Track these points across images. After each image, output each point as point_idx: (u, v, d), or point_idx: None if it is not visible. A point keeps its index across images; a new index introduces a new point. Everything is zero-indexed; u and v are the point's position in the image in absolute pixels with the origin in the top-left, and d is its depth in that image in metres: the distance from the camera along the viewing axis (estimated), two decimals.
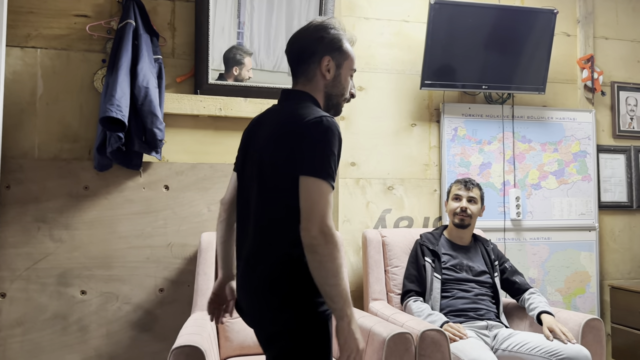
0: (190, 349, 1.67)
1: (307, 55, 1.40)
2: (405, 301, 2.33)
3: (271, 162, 1.32)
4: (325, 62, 1.40)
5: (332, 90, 1.43)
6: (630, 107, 3.22)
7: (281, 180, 1.30)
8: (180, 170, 2.49)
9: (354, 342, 1.26)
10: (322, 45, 1.40)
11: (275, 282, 1.31)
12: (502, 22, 2.77)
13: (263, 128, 1.41)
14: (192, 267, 2.44)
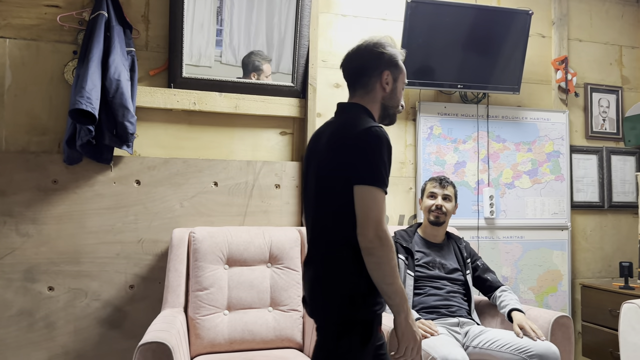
0: (157, 345, 1.65)
1: (368, 69, 1.53)
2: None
3: (325, 172, 1.45)
4: (385, 76, 1.52)
5: (388, 102, 1.54)
6: (602, 108, 3.27)
7: (333, 189, 1.41)
8: (153, 165, 2.45)
9: (411, 335, 1.40)
10: (382, 60, 1.52)
11: (323, 279, 1.44)
12: (478, 21, 2.79)
13: (321, 141, 1.51)
14: (163, 263, 2.40)
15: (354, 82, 1.56)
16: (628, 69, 3.37)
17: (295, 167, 2.66)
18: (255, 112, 2.60)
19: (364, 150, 1.37)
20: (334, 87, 2.79)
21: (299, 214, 2.65)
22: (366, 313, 1.40)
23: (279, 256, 2.34)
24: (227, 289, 2.22)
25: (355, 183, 1.37)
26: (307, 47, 2.68)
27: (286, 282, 2.30)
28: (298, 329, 2.27)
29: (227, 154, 2.61)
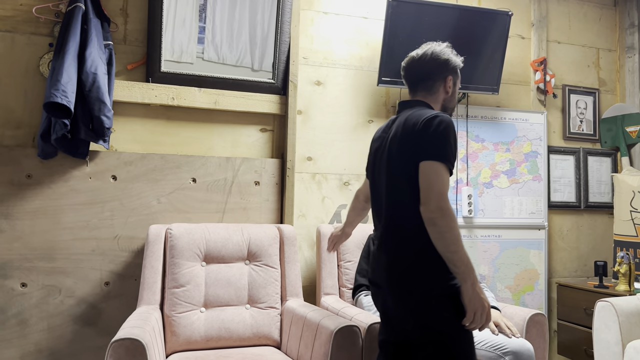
0: (131, 341, 1.63)
1: (435, 74, 1.68)
2: (357, 295, 2.33)
3: (396, 158, 1.56)
4: (448, 81, 1.69)
5: (448, 103, 1.72)
6: (580, 110, 3.32)
7: (404, 173, 1.53)
8: (130, 160, 2.42)
9: (479, 301, 1.45)
10: (447, 67, 1.69)
11: (404, 260, 1.53)
12: (458, 21, 2.81)
13: (389, 135, 1.64)
14: (140, 260, 2.38)
15: (416, 85, 1.70)
16: (605, 72, 3.43)
17: (276, 164, 2.65)
18: (235, 108, 2.58)
19: (431, 131, 1.49)
20: (314, 84, 2.79)
21: (279, 211, 2.64)
22: (452, 287, 1.49)
23: (257, 253, 2.33)
24: (204, 286, 2.20)
25: (420, 160, 1.49)
26: (289, 43, 2.67)
27: (264, 279, 2.29)
28: (276, 326, 2.26)
29: (206, 150, 2.59)
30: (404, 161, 1.54)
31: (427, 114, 1.54)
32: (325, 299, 2.41)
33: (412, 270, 1.53)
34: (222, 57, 2.57)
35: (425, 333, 1.51)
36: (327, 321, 1.93)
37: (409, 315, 1.53)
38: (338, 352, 1.83)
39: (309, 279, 2.70)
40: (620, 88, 3.44)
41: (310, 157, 2.76)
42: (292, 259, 2.40)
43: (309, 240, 2.73)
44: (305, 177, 2.75)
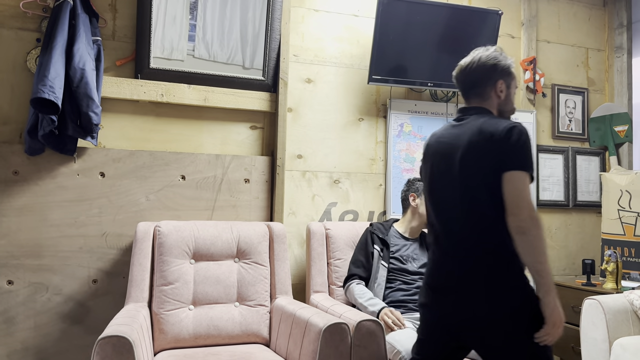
0: (118, 339, 1.61)
1: (484, 80, 1.67)
2: (348, 284, 2.33)
3: (473, 168, 1.55)
4: (499, 85, 1.67)
5: (504, 107, 1.70)
6: (569, 109, 3.34)
7: (484, 183, 1.53)
8: (118, 157, 2.40)
9: (558, 315, 1.48)
10: (496, 71, 1.67)
11: (482, 268, 1.53)
12: (449, 20, 2.82)
13: (453, 139, 1.64)
14: (128, 258, 2.36)
15: (468, 92, 1.71)
16: (594, 71, 3.45)
17: (265, 162, 2.64)
18: (225, 105, 2.57)
19: (513, 142, 1.50)
20: (305, 82, 2.78)
21: (269, 209, 2.64)
22: (531, 294, 1.52)
23: (246, 251, 2.32)
24: (192, 283, 2.19)
25: (506, 170, 1.50)
26: (279, 41, 2.66)
27: (254, 277, 2.29)
28: (265, 324, 2.25)
29: (196, 147, 2.57)
30: (484, 172, 1.54)
31: (504, 124, 1.53)
32: (314, 297, 2.41)
33: (490, 278, 1.52)
34: (213, 55, 2.55)
35: (503, 339, 1.51)
36: (316, 318, 1.92)
37: (488, 322, 1.52)
38: (327, 349, 1.83)
39: (298, 277, 2.70)
40: (608, 88, 3.47)
41: (300, 154, 2.76)
42: (281, 256, 2.40)
43: (299, 238, 2.73)
44: (295, 175, 2.74)
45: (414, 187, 2.49)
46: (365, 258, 2.36)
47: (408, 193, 2.49)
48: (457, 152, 1.61)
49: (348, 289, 2.32)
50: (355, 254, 2.42)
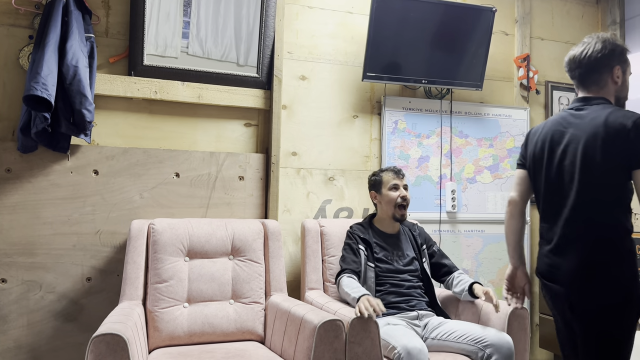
0: (112, 337, 1.61)
1: (600, 67, 1.67)
2: (340, 277, 2.24)
3: (599, 161, 1.56)
4: (616, 71, 1.67)
5: (620, 93, 1.71)
6: (562, 106, 3.36)
7: (612, 177, 1.55)
8: (111, 154, 2.39)
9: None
10: (613, 57, 1.67)
11: (599, 261, 1.56)
12: (443, 17, 2.82)
13: (574, 129, 1.65)
14: (122, 255, 2.35)
15: (585, 81, 1.70)
16: None
17: (260, 159, 2.64)
18: (219, 102, 2.56)
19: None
20: (299, 79, 2.78)
21: (263, 206, 2.63)
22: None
23: (241, 248, 2.32)
24: (187, 281, 2.19)
25: (638, 167, 1.53)
26: (273, 38, 2.66)
27: (248, 274, 2.29)
28: (260, 321, 2.25)
29: (190, 144, 2.57)
30: (613, 165, 1.55)
31: (632, 119, 1.54)
32: (309, 294, 2.41)
33: (611, 272, 1.56)
34: (207, 52, 2.55)
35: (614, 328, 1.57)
36: (310, 315, 1.93)
37: (608, 312, 1.57)
38: (322, 346, 1.83)
39: (293, 274, 2.70)
40: None
41: (295, 152, 2.75)
42: (276, 254, 2.40)
43: (294, 236, 2.73)
44: (290, 172, 2.74)
45: (370, 184, 2.48)
46: (355, 256, 2.30)
47: (370, 192, 2.49)
48: (579, 141, 1.61)
49: (339, 283, 2.23)
50: (343, 254, 2.35)
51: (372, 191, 2.46)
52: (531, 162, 1.79)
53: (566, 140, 1.66)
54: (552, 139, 1.70)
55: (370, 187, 2.48)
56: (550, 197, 1.70)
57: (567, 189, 1.63)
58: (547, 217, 1.72)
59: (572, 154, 1.63)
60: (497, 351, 1.97)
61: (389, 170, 2.45)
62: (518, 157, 1.91)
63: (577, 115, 1.67)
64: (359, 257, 2.30)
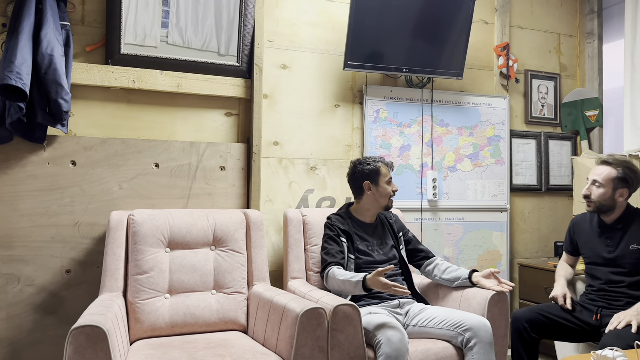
0: (92, 329, 1.60)
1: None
2: (327, 270, 2.22)
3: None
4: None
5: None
6: (542, 95, 3.39)
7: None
8: (90, 145, 2.35)
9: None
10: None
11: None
12: (424, 6, 2.82)
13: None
14: (102, 247, 2.33)
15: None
16: (566, 57, 3.51)
17: (242, 149, 2.62)
18: (199, 91, 2.54)
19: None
20: (281, 68, 2.76)
21: (245, 197, 2.62)
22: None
23: (223, 239, 2.31)
24: (168, 272, 2.18)
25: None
26: (253, 26, 2.63)
27: (231, 264, 2.28)
28: (242, 311, 2.25)
29: (170, 134, 2.54)
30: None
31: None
32: (292, 283, 2.41)
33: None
34: (187, 42, 2.51)
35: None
36: (293, 304, 1.93)
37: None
38: (304, 334, 1.84)
39: (276, 264, 2.70)
40: (580, 73, 3.53)
41: (277, 141, 2.74)
42: (258, 244, 2.40)
43: (277, 226, 2.72)
44: (272, 162, 2.73)
45: (364, 174, 2.37)
46: (338, 246, 2.28)
47: (360, 181, 2.38)
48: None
49: (328, 276, 2.21)
50: (325, 246, 2.32)
51: (367, 181, 2.36)
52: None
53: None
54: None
55: (364, 177, 2.36)
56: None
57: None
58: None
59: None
60: (476, 335, 2.00)
61: (383, 162, 2.39)
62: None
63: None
64: (342, 248, 2.29)
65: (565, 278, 2.41)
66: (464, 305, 2.25)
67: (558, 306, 2.27)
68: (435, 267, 2.39)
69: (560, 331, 2.24)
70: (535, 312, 2.26)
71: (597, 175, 2.25)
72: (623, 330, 2.00)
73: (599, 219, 2.32)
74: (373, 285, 1.98)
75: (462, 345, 2.04)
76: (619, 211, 2.26)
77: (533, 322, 2.23)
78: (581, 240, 2.40)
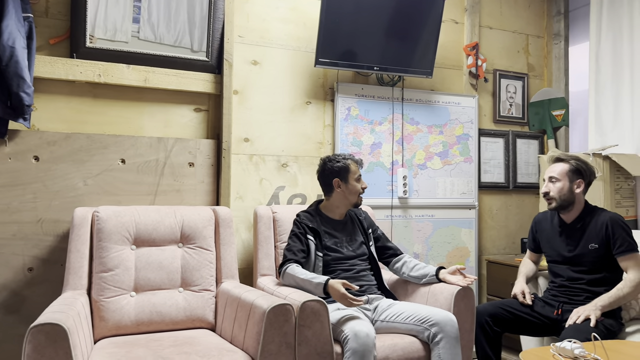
0: (51, 327, 1.56)
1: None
2: (286, 266, 2.19)
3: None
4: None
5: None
6: (509, 94, 3.45)
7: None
8: (53, 140, 2.30)
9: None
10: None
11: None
12: (395, 4, 2.84)
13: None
14: (65, 244, 2.28)
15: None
16: (534, 57, 3.57)
17: (211, 145, 2.59)
18: (167, 86, 2.50)
19: None
20: (251, 63, 2.74)
21: (215, 193, 2.60)
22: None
23: (191, 236, 2.29)
24: (134, 270, 2.14)
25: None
26: (223, 20, 2.61)
27: (198, 262, 2.26)
28: (210, 308, 2.23)
29: (136, 129, 2.50)
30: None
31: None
32: (261, 280, 2.40)
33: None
34: (159, 37, 2.48)
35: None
36: (260, 301, 1.92)
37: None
38: (271, 330, 1.83)
39: (246, 261, 2.69)
40: (547, 73, 3.60)
41: (247, 138, 2.73)
42: (227, 240, 2.38)
43: (247, 223, 2.71)
44: (242, 159, 2.71)
45: (334, 171, 2.34)
46: (301, 244, 2.26)
47: (330, 178, 2.36)
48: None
49: (285, 272, 2.17)
50: (289, 242, 2.29)
51: (337, 179, 2.34)
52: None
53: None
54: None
55: (334, 174, 2.34)
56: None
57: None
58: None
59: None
60: (442, 330, 2.02)
61: (352, 159, 2.38)
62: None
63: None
64: (306, 247, 2.27)
65: (526, 275, 2.47)
66: (431, 300, 2.28)
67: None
68: (403, 265, 2.40)
69: (522, 325, 2.29)
70: (497, 306, 2.30)
71: (552, 172, 2.33)
72: (582, 324, 2.05)
73: (559, 218, 2.38)
74: (332, 292, 2.02)
75: (429, 340, 2.06)
76: (578, 207, 2.32)
77: (495, 316, 2.27)
78: (542, 239, 2.45)
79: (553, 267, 2.38)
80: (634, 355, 1.71)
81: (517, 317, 2.28)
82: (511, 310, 2.29)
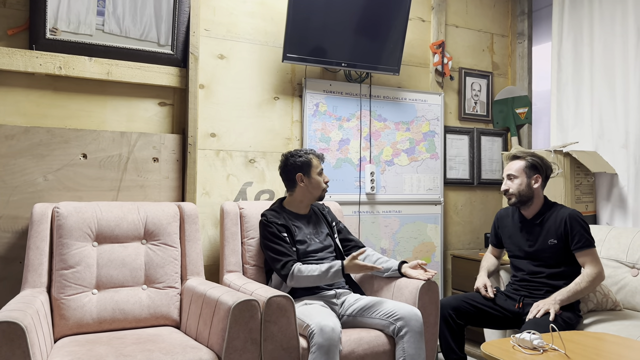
0: (7, 325, 1.51)
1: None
2: (292, 269, 2.17)
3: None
4: None
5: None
6: (474, 92, 3.52)
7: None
8: (11, 134, 2.22)
9: None
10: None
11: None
12: (363, 1, 2.85)
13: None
14: (24, 241, 2.21)
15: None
16: (498, 56, 3.65)
17: (176, 140, 2.56)
18: (131, 79, 2.45)
19: None
20: (218, 57, 2.71)
21: (180, 189, 2.57)
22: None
23: (155, 232, 2.25)
24: (95, 267, 2.10)
25: None
26: (189, 13, 2.57)
27: (162, 258, 2.23)
28: (175, 306, 2.21)
29: (98, 124, 2.44)
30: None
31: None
32: (227, 277, 2.39)
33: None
34: (125, 30, 2.42)
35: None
36: (226, 297, 1.91)
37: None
38: (236, 326, 1.83)
39: (213, 258, 2.66)
40: (511, 72, 3.68)
41: (214, 133, 2.70)
42: (193, 237, 2.35)
43: (213, 219, 2.68)
44: (208, 154, 2.68)
45: (296, 166, 2.35)
46: (286, 242, 2.25)
47: (292, 174, 2.37)
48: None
49: (293, 275, 2.15)
50: (273, 246, 2.25)
51: (300, 173, 2.35)
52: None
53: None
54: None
55: (296, 169, 2.35)
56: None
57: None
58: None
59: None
60: (407, 325, 2.05)
61: (314, 154, 2.40)
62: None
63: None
64: (289, 242, 2.27)
65: (487, 269, 2.53)
66: (397, 295, 2.30)
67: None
68: (365, 258, 2.43)
69: (484, 318, 2.34)
70: (460, 299, 2.35)
71: (510, 169, 2.40)
72: (541, 318, 2.11)
73: (520, 214, 2.44)
74: (350, 270, 2.15)
75: (394, 334, 2.09)
76: (537, 202, 2.38)
77: (458, 309, 2.32)
78: (504, 235, 2.51)
79: (514, 261, 2.44)
80: (589, 345, 1.77)
81: (479, 311, 2.33)
82: (474, 304, 2.34)
